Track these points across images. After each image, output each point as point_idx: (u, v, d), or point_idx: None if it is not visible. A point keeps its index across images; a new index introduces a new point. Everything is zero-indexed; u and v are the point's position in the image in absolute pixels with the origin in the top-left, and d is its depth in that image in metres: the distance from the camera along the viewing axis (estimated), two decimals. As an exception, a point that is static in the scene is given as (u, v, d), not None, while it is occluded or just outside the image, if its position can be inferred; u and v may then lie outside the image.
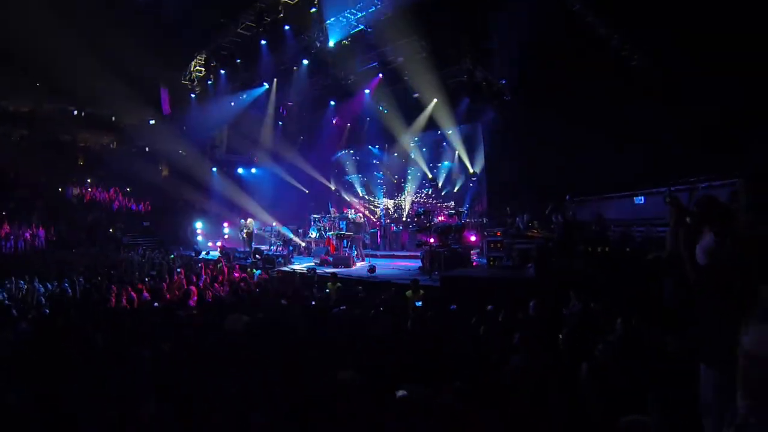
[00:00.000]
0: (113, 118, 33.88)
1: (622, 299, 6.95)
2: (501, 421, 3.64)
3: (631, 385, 3.98)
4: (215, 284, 12.33)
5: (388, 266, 16.04)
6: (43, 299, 10.44)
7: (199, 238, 26.64)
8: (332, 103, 24.76)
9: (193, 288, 10.33)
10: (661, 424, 3.20)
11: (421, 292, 10.49)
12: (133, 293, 9.99)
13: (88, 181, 30.17)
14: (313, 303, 9.75)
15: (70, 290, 11.26)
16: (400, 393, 3.97)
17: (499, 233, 14.07)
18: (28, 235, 22.57)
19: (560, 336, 5.73)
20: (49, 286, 11.92)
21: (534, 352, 5.09)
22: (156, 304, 8.81)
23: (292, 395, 4.40)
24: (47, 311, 8.70)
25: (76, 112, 33.09)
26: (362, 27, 19.01)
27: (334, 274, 13.11)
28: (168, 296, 10.49)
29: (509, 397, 4.09)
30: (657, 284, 7.31)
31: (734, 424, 2.27)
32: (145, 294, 10.27)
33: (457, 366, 4.86)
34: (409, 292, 10.49)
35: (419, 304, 9.78)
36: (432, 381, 4.41)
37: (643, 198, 15.81)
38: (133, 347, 5.71)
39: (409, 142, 22.72)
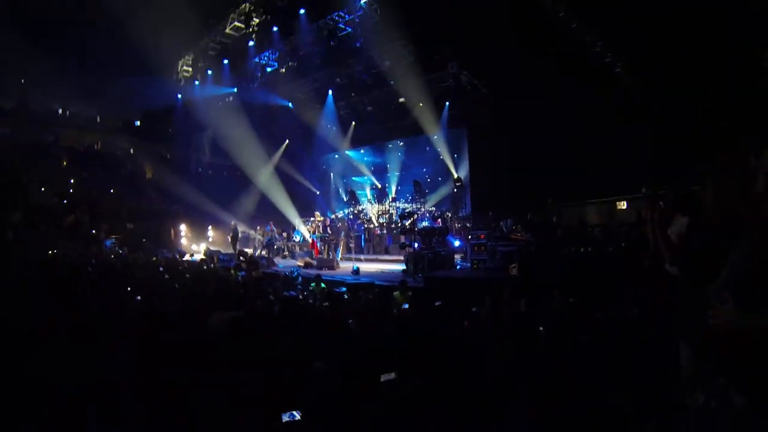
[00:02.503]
0: (98, 119, 33.57)
1: (601, 296, 7.05)
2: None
3: (610, 372, 4.07)
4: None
5: (372, 269, 16.03)
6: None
7: (183, 240, 26.48)
8: (318, 106, 24.81)
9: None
10: (638, 405, 3.29)
11: (410, 293, 10.47)
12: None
13: (71, 181, 29.82)
14: (300, 297, 9.73)
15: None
16: (387, 376, 3.98)
17: (482, 236, 14.13)
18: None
19: (541, 329, 5.79)
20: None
21: (518, 343, 5.15)
22: (138, 297, 8.69)
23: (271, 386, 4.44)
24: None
25: (60, 111, 32.72)
26: (349, 30, 19.07)
27: (318, 275, 13.09)
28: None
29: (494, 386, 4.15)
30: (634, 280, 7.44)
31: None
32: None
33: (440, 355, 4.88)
34: (396, 293, 10.43)
35: (406, 306, 9.77)
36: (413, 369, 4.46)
37: (626, 203, 16.04)
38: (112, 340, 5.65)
39: (394, 147, 22.85)
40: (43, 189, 27.37)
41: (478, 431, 3.66)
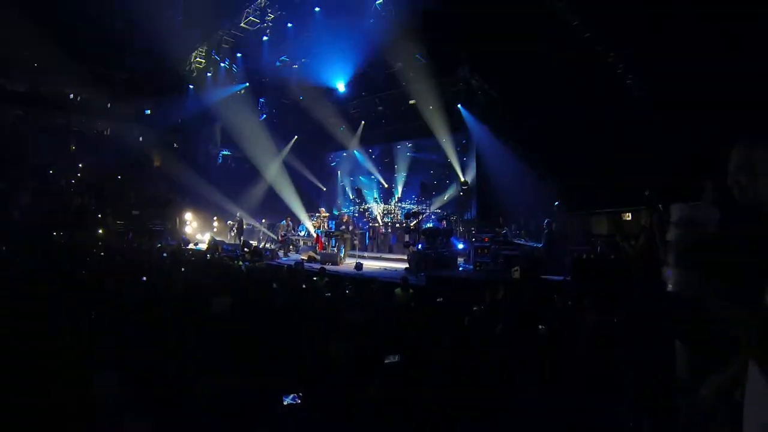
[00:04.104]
0: (109, 105, 33.65)
1: (602, 299, 7.12)
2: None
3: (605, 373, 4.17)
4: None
5: (375, 267, 16.11)
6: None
7: (188, 229, 26.61)
8: (328, 103, 24.88)
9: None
10: (637, 404, 3.39)
11: (411, 290, 10.51)
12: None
13: (80, 165, 29.94)
14: (304, 286, 9.85)
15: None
16: (391, 358, 4.05)
17: (486, 239, 14.21)
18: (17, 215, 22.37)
19: (540, 327, 5.89)
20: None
21: (515, 341, 5.24)
22: (144, 278, 8.81)
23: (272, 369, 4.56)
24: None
25: (72, 96, 32.81)
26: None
27: (322, 268, 13.17)
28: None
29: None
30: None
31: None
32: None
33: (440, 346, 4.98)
34: (398, 290, 10.45)
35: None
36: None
37: (630, 214, 16.08)
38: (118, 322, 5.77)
39: (402, 148, 22.94)
40: (51, 172, 27.53)
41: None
